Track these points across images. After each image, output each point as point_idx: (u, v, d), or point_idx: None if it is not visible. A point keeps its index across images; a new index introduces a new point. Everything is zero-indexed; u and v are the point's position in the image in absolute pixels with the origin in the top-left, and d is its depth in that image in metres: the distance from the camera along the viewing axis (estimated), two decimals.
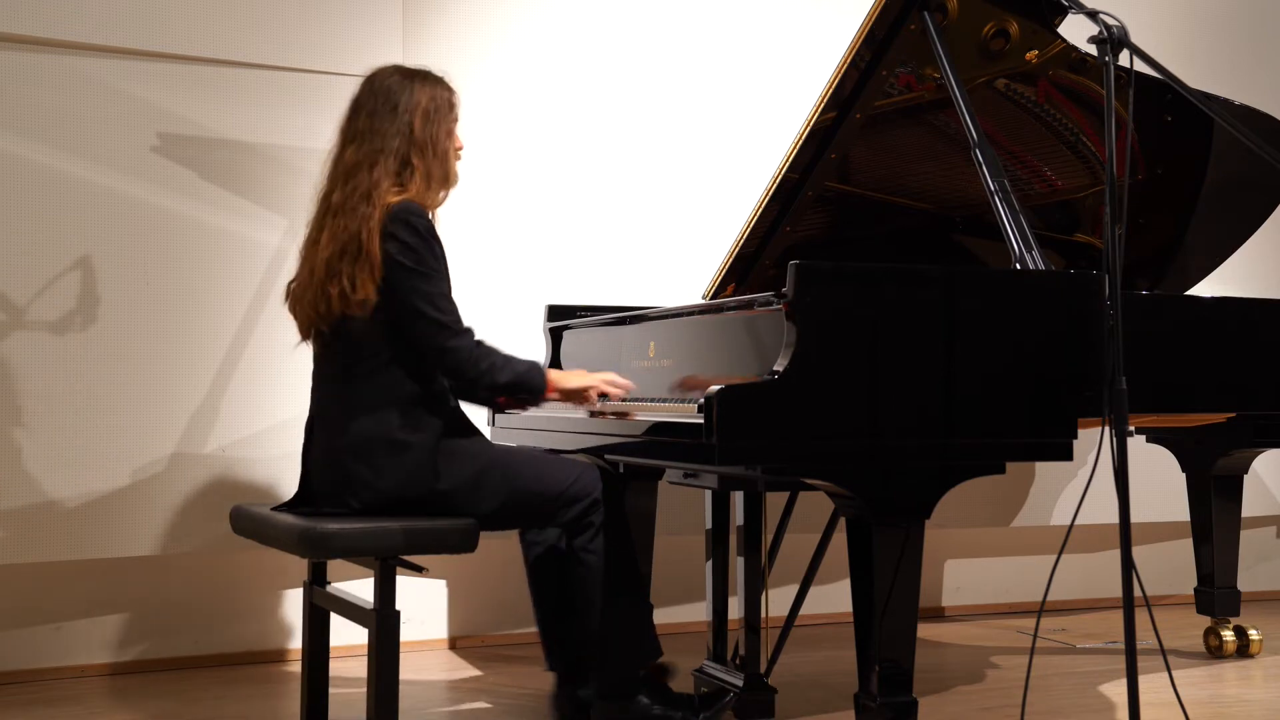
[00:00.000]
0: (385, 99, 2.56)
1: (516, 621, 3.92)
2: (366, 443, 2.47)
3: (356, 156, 2.53)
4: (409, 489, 2.48)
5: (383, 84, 2.58)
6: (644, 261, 3.97)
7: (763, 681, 2.89)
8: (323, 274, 2.48)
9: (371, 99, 2.57)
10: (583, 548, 2.62)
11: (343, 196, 2.51)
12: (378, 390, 2.49)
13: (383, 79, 2.59)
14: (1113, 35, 2.30)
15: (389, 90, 2.56)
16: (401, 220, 2.46)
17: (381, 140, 2.53)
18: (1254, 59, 4.77)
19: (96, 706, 3.15)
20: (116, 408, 3.37)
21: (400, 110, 2.54)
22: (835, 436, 2.29)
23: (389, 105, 2.55)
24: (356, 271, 2.43)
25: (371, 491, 2.47)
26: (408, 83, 2.58)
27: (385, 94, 2.56)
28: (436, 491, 2.49)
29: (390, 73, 2.61)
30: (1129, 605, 2.18)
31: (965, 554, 4.53)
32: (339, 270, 2.45)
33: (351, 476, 2.47)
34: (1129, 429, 2.34)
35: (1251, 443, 3.48)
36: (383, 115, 2.54)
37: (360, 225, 2.45)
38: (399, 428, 2.48)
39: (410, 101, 2.55)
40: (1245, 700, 3.22)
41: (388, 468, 2.47)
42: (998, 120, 3.25)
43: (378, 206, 2.47)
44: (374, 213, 2.46)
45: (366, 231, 2.44)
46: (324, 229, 2.52)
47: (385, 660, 2.39)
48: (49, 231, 3.33)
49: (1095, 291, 2.50)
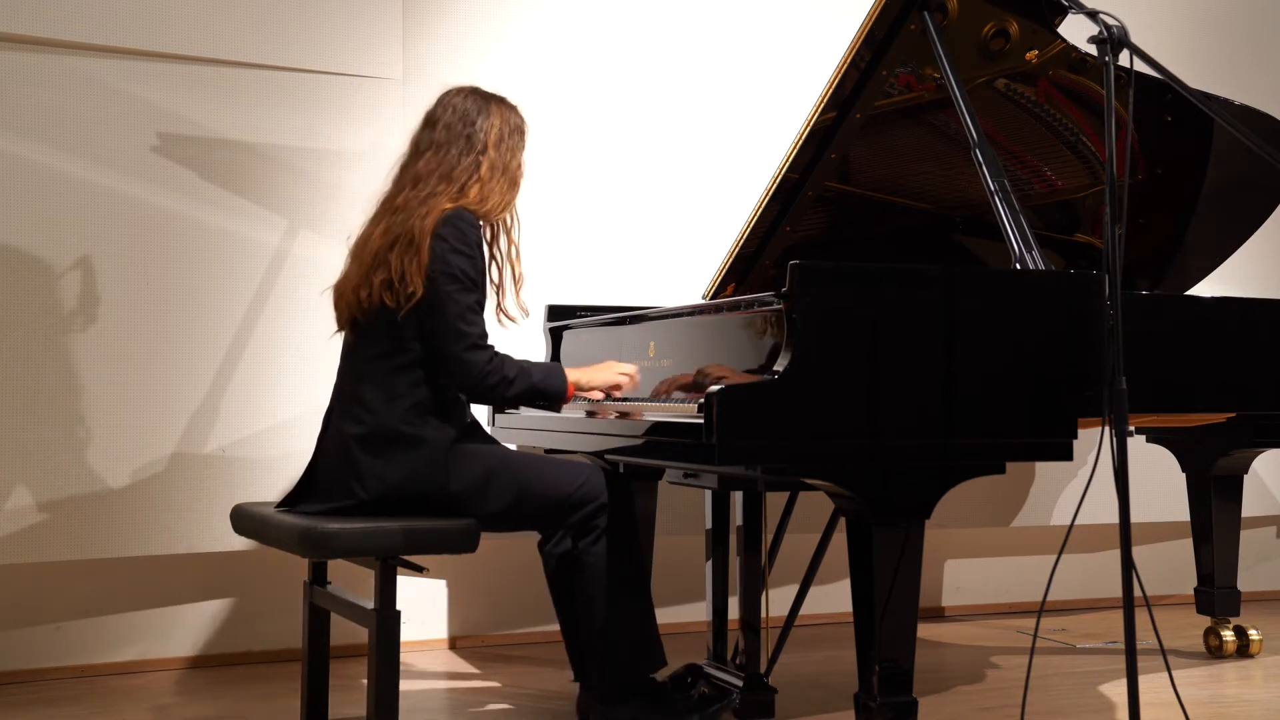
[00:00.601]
0: (462, 116, 2.65)
1: (516, 621, 3.93)
2: (381, 434, 2.50)
3: (428, 166, 2.62)
4: (418, 485, 2.49)
5: (460, 102, 2.68)
6: (644, 261, 3.97)
7: (763, 681, 2.89)
8: (369, 264, 2.54)
9: (448, 114, 2.67)
10: (586, 550, 2.63)
11: (406, 199, 2.59)
12: (399, 385, 2.53)
13: (460, 97, 2.69)
14: (1113, 35, 2.30)
15: (466, 109, 2.67)
16: (454, 225, 2.53)
17: (456, 155, 2.62)
18: (1254, 59, 4.77)
19: (96, 706, 3.15)
20: (116, 408, 3.37)
21: (476, 129, 2.64)
22: (835, 436, 2.29)
23: (465, 122, 2.65)
24: (405, 264, 2.49)
25: (380, 483, 2.49)
26: (484, 104, 2.68)
27: (462, 112, 2.66)
28: (446, 492, 2.50)
29: (468, 92, 2.71)
30: (1129, 605, 2.18)
31: (965, 554, 4.53)
32: (386, 261, 2.51)
33: (362, 466, 2.49)
34: (1129, 429, 2.34)
35: (1251, 443, 3.48)
36: (458, 131, 2.64)
37: (416, 223, 2.52)
38: (415, 423, 2.51)
39: (486, 122, 2.65)
40: (1245, 700, 3.22)
41: (399, 461, 2.49)
42: (998, 120, 3.25)
43: (436, 209, 2.54)
44: (431, 213, 2.53)
45: (420, 230, 2.51)
46: (379, 225, 2.59)
47: (385, 660, 2.39)
48: (49, 231, 3.33)
49: (1095, 291, 2.50)
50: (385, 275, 2.50)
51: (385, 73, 3.73)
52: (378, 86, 3.71)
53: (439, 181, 2.59)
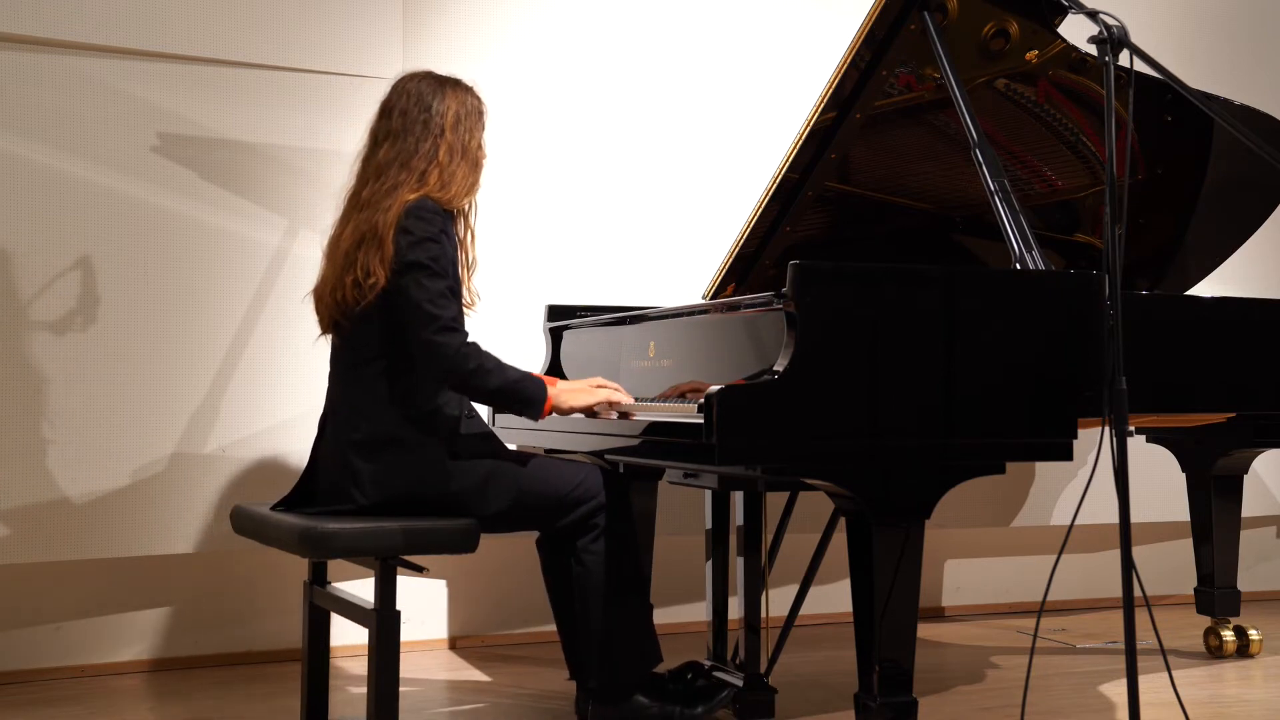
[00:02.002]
0: (416, 101, 2.61)
1: (516, 621, 3.93)
2: (378, 439, 2.49)
3: (388, 156, 2.59)
4: (419, 488, 2.49)
5: (414, 87, 2.63)
6: (644, 261, 3.97)
7: (763, 681, 2.89)
8: (341, 265, 2.53)
9: (403, 101, 2.62)
10: (584, 548, 2.63)
11: (370, 193, 2.56)
12: (392, 390, 2.51)
13: (414, 83, 2.65)
14: (1113, 35, 2.30)
15: (420, 94, 2.62)
16: (415, 214, 2.50)
17: (414, 142, 2.58)
18: (1254, 59, 4.77)
19: (96, 706, 3.15)
20: (116, 408, 3.37)
21: (432, 113, 2.60)
22: (835, 436, 2.29)
23: (420, 108, 2.60)
24: (370, 260, 2.47)
25: (380, 489, 2.48)
26: (439, 88, 2.63)
27: (417, 97, 2.62)
28: (447, 492, 2.50)
29: (422, 77, 2.66)
30: (1129, 605, 2.18)
31: (965, 554, 4.53)
32: (355, 259, 2.50)
33: (361, 473, 2.49)
34: (1129, 429, 2.34)
35: (1251, 443, 3.48)
36: (414, 117, 2.60)
37: (380, 217, 2.50)
38: (411, 427, 2.50)
39: (441, 105, 2.61)
40: (1245, 700, 3.22)
41: (398, 466, 2.48)
42: (998, 120, 3.25)
43: (398, 201, 2.51)
44: (394, 205, 2.50)
45: (384, 223, 2.48)
46: (349, 223, 2.58)
47: (385, 660, 2.39)
48: (49, 231, 3.33)
49: (1095, 291, 2.50)
50: (354, 275, 2.49)
51: (385, 73, 3.69)
52: (378, 86, 3.63)
53: (399, 171, 2.56)
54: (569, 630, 2.80)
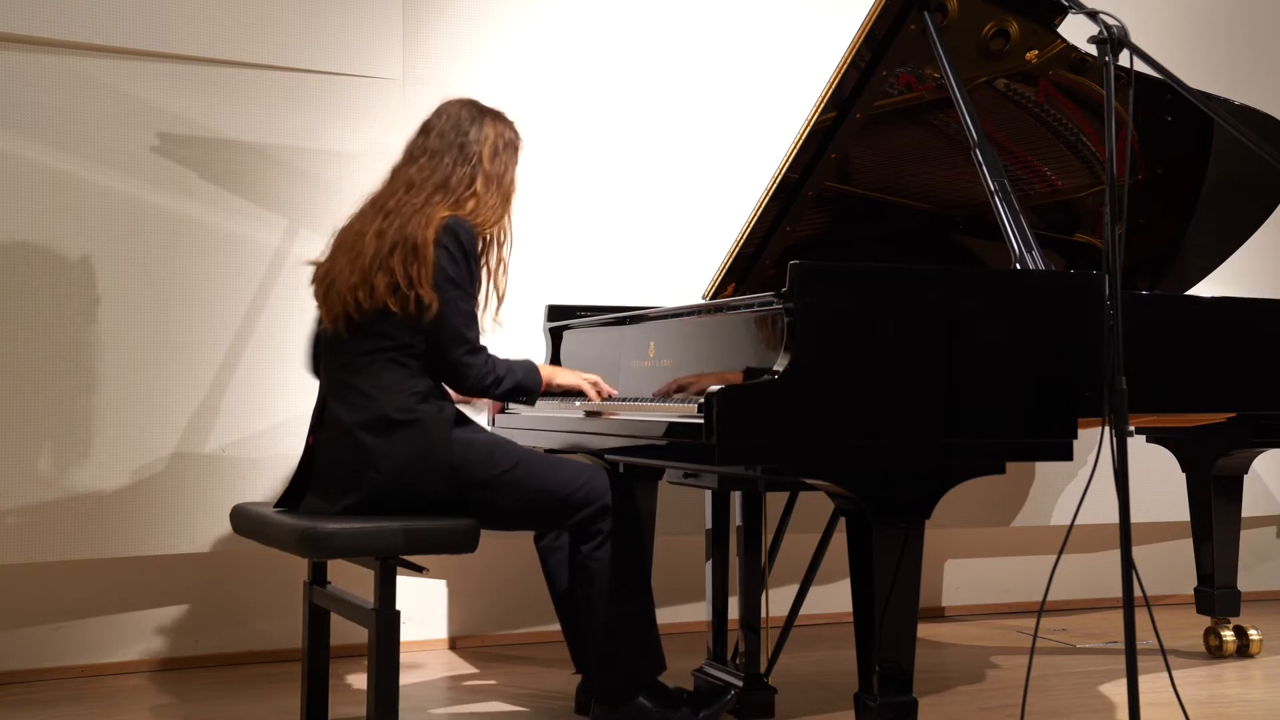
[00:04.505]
0: (454, 125, 2.69)
1: (516, 621, 3.93)
2: (383, 417, 2.52)
3: (422, 174, 2.65)
4: (429, 458, 2.50)
5: (456, 112, 2.72)
6: (644, 261, 3.97)
7: (763, 681, 2.89)
8: (368, 266, 2.54)
9: (442, 122, 2.71)
10: (589, 555, 2.63)
11: (398, 203, 2.61)
12: (394, 375, 2.55)
13: (456, 107, 2.73)
14: (1113, 35, 2.30)
15: (459, 119, 2.70)
16: (454, 233, 2.56)
17: (449, 164, 2.65)
18: (1254, 59, 4.77)
19: (97, 706, 3.15)
20: (116, 407, 3.37)
21: (469, 140, 2.68)
22: (835, 436, 2.29)
23: (458, 132, 2.68)
24: (411, 272, 2.51)
25: (391, 460, 2.49)
26: (479, 116, 2.72)
27: (455, 121, 2.70)
28: (453, 478, 2.51)
29: (465, 103, 2.75)
30: (1129, 605, 2.18)
31: (965, 554, 4.53)
32: (388, 265, 2.52)
33: (372, 449, 2.50)
34: (1129, 429, 2.34)
35: (1251, 443, 3.48)
36: (450, 140, 2.68)
37: (416, 230, 2.53)
38: (413, 408, 2.53)
39: (479, 134, 2.69)
40: (1245, 700, 3.22)
41: (405, 439, 2.50)
42: (998, 120, 3.25)
43: (434, 217, 2.56)
44: (431, 222, 2.55)
45: (423, 239, 2.52)
46: (371, 224, 2.59)
47: (385, 660, 2.39)
48: (49, 231, 3.33)
49: (1095, 291, 2.50)
50: (389, 280, 2.51)
51: (385, 73, 3.73)
52: (377, 87, 3.72)
53: (435, 190, 2.62)
54: (572, 624, 2.80)
